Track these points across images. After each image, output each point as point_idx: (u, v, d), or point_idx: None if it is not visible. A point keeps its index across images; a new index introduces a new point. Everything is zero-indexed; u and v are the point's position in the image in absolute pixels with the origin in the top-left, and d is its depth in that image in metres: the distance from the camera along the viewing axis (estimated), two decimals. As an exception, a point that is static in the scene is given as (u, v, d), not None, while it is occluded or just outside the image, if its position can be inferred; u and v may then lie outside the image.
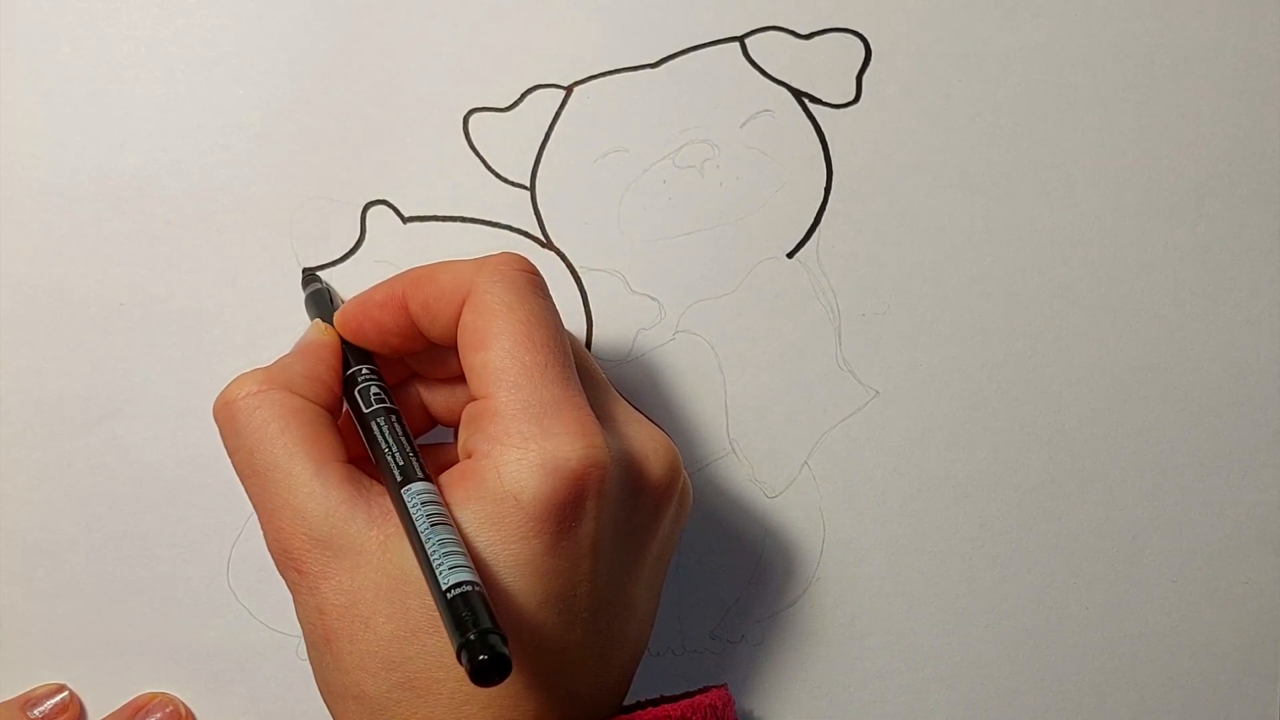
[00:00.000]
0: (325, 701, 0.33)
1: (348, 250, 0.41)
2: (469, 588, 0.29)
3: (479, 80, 0.41)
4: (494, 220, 0.42)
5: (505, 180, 0.42)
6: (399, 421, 0.34)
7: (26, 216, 0.40)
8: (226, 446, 0.34)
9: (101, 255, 0.40)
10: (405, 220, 0.41)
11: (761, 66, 0.42)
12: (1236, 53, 0.43)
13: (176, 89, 0.40)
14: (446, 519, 0.31)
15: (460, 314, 0.34)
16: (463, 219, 0.41)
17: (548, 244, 0.42)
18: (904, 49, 0.42)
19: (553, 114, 0.42)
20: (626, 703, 0.35)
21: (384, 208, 0.41)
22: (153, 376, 0.41)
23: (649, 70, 0.42)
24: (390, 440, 0.33)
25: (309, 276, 0.41)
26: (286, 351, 0.37)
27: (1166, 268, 0.43)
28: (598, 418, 0.33)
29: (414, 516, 0.31)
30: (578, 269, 0.42)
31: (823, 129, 0.42)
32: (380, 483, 0.33)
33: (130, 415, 0.41)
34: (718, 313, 0.42)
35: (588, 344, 0.42)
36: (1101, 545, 0.44)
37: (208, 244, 0.41)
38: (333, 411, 0.35)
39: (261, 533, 0.33)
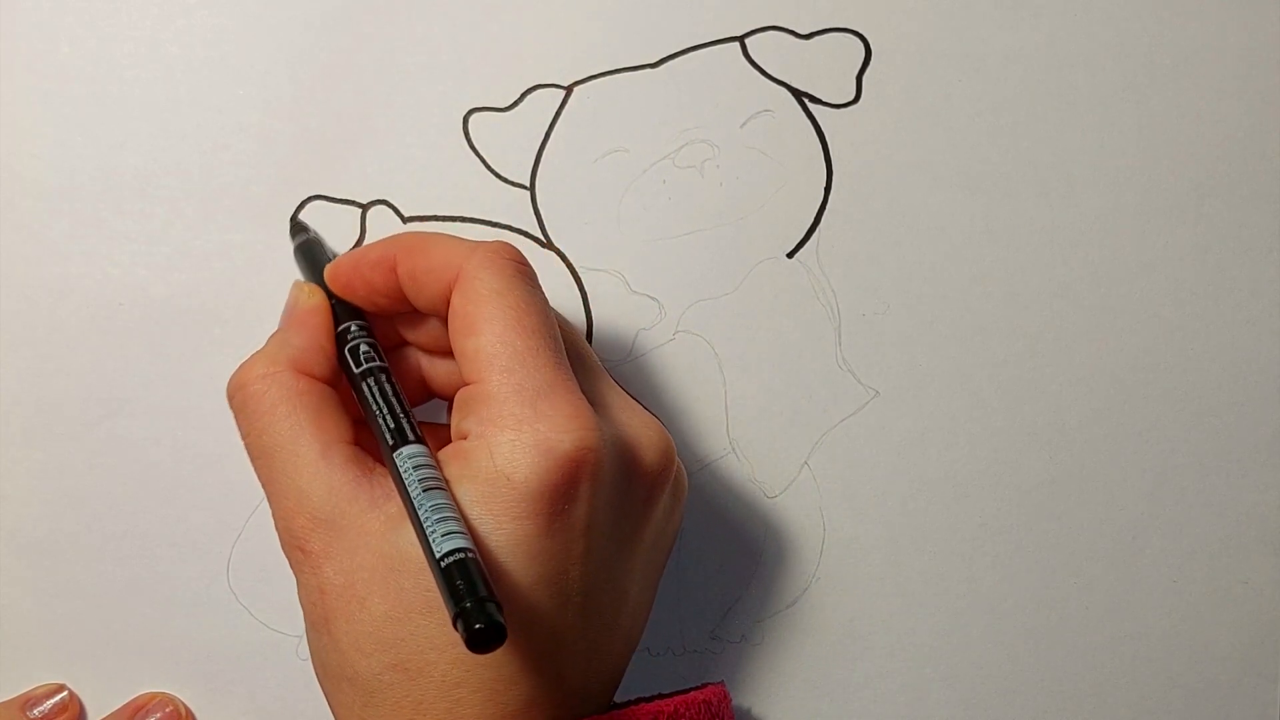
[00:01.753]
0: (321, 685, 0.33)
1: (348, 250, 0.41)
2: (464, 555, 0.29)
3: (479, 80, 0.41)
4: (494, 220, 0.42)
5: (505, 180, 0.42)
6: (389, 381, 0.34)
7: (26, 216, 0.40)
8: (239, 429, 0.34)
9: (101, 255, 0.40)
10: (405, 220, 0.41)
11: (761, 66, 0.42)
12: (1236, 53, 0.43)
13: (177, 89, 0.40)
14: (440, 484, 0.31)
15: (446, 292, 0.34)
16: (463, 219, 0.41)
17: (548, 244, 0.42)
18: (904, 49, 0.42)
19: (553, 114, 0.42)
20: (621, 699, 0.35)
21: (384, 208, 0.41)
22: (153, 376, 0.41)
23: (649, 70, 0.42)
24: (381, 401, 0.33)
25: (298, 225, 0.40)
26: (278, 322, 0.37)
27: (1166, 268, 0.43)
28: (592, 403, 0.33)
29: (406, 481, 0.31)
30: (578, 269, 0.42)
31: (823, 129, 0.42)
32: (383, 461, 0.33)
33: (130, 415, 0.41)
34: (718, 313, 0.42)
35: (588, 343, 0.42)
36: (1101, 545, 0.44)
37: (208, 244, 0.41)
38: (336, 379, 0.35)
39: (272, 520, 0.33)
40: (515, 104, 0.41)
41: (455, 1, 0.41)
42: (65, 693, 0.41)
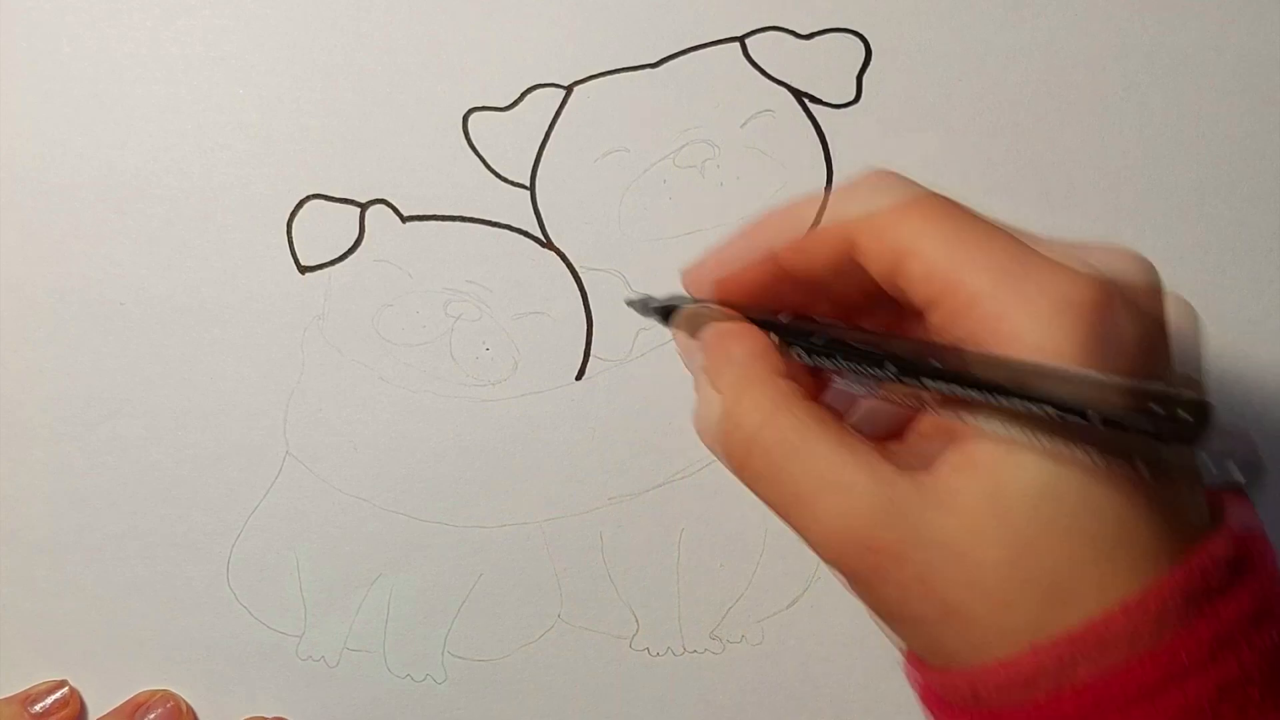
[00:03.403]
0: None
1: (347, 250, 0.41)
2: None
3: (479, 80, 0.41)
4: (494, 220, 0.42)
5: (505, 180, 0.42)
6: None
7: (26, 216, 0.40)
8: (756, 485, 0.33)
9: (101, 255, 0.40)
10: (404, 220, 0.41)
11: (761, 66, 0.42)
12: (1236, 53, 0.43)
13: (177, 89, 0.41)
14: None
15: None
16: (462, 218, 0.41)
17: (548, 244, 0.42)
18: (904, 49, 0.42)
19: (553, 114, 0.42)
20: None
21: (383, 207, 0.41)
22: (153, 376, 0.41)
23: (649, 70, 0.42)
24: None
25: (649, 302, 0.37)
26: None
27: (1166, 268, 0.43)
28: None
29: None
30: (578, 269, 0.42)
31: (823, 129, 0.42)
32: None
33: (130, 415, 0.41)
34: (718, 313, 0.42)
35: (588, 343, 0.42)
36: (1101, 545, 0.44)
37: (208, 244, 0.41)
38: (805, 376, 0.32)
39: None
40: (515, 104, 0.41)
41: (455, 1, 0.41)
42: (66, 688, 0.41)
